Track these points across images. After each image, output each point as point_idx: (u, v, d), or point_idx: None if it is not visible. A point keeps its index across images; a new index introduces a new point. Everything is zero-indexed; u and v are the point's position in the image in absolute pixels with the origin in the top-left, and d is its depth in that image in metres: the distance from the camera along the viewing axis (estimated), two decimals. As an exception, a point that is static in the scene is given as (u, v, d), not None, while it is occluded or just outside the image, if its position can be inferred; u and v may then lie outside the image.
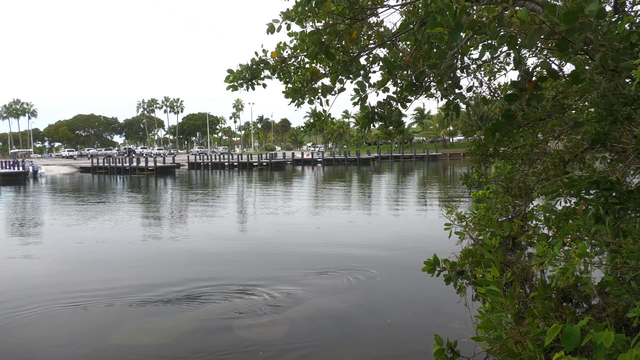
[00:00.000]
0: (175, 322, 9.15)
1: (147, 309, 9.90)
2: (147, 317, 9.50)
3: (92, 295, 10.83)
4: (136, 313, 9.72)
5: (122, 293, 10.94)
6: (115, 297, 10.64)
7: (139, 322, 9.24)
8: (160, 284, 11.63)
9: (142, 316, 9.55)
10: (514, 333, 4.70)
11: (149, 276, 12.42)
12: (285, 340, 8.27)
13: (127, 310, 9.86)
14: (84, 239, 17.83)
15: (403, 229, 19.05)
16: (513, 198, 8.44)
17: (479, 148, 7.49)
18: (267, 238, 17.50)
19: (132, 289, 11.27)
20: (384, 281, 11.57)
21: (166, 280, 11.90)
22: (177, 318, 9.37)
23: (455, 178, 48.78)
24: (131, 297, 10.62)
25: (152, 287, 11.37)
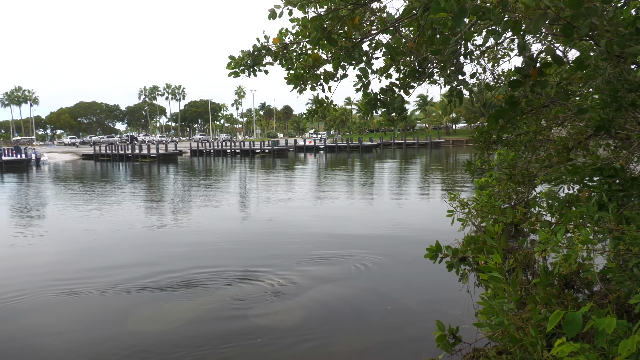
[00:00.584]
0: (186, 309, 9.21)
1: (157, 295, 9.96)
2: (158, 303, 9.57)
3: (99, 282, 10.89)
4: (146, 299, 9.79)
5: (126, 280, 11.01)
6: (120, 284, 10.70)
7: (151, 309, 9.30)
8: (166, 270, 11.69)
9: (153, 302, 9.61)
10: (516, 319, 4.72)
11: (154, 263, 12.48)
12: (289, 326, 8.32)
13: (135, 297, 9.93)
14: (88, 227, 17.90)
15: (405, 216, 19.07)
16: (516, 185, 8.42)
17: (482, 135, 7.46)
18: (270, 225, 17.54)
19: (136, 275, 11.33)
20: (386, 268, 11.61)
21: (172, 267, 11.96)
22: (187, 304, 9.43)
23: (458, 165, 48.71)
24: (136, 284, 10.68)
25: (157, 273, 11.42)
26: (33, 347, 7.77)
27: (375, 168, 49.26)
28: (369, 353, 7.29)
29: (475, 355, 6.02)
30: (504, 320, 4.49)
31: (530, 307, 4.73)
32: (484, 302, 4.76)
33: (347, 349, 7.44)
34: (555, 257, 5.14)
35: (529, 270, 9.99)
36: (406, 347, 7.46)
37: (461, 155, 67.42)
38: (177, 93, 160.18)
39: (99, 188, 32.73)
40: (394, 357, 7.16)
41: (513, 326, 4.47)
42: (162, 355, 7.37)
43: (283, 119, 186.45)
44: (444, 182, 32.77)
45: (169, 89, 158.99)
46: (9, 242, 15.57)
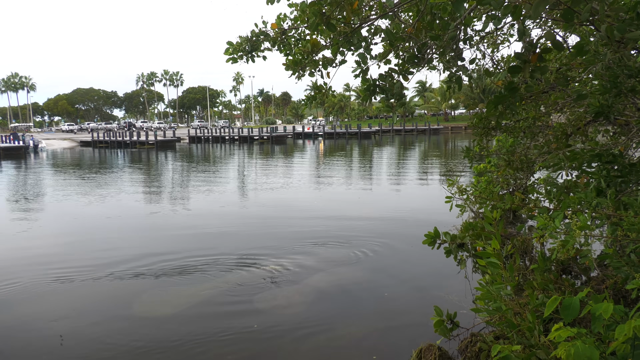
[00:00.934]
0: (186, 295, 9.25)
1: (156, 282, 10.00)
2: (158, 289, 9.61)
3: (98, 269, 10.93)
4: (146, 285, 9.83)
5: (126, 266, 11.04)
6: (119, 270, 10.74)
7: (151, 295, 9.35)
8: (166, 256, 11.72)
9: (153, 288, 9.65)
10: (514, 304, 4.75)
11: (153, 249, 12.50)
12: (286, 313, 8.37)
13: (135, 283, 9.97)
14: (87, 213, 17.92)
15: (404, 202, 19.10)
16: (514, 171, 8.44)
17: (481, 121, 7.45)
18: (268, 212, 17.56)
19: (136, 261, 11.36)
20: (384, 254, 11.65)
21: (171, 253, 11.99)
22: (187, 291, 9.47)
23: (457, 151, 48.70)
24: (135, 270, 10.71)
25: (157, 260, 11.45)
26: (29, 335, 7.81)
27: (373, 154, 49.22)
28: (367, 339, 7.35)
29: (473, 341, 6.07)
30: (501, 305, 4.52)
31: (527, 293, 4.77)
32: (481, 288, 4.79)
33: (345, 335, 7.50)
34: (553, 243, 5.16)
35: (526, 256, 10.03)
36: (404, 333, 7.52)
37: (460, 142, 67.36)
38: (175, 79, 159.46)
39: (97, 175, 32.70)
40: (392, 342, 7.22)
41: (510, 311, 4.50)
42: (161, 342, 7.42)
43: (281, 105, 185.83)
44: (442, 168, 32.78)
45: (167, 75, 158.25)
46: (8, 230, 15.58)
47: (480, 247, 5.35)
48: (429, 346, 5.98)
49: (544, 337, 4.11)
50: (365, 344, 7.17)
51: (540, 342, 4.14)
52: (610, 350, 3.15)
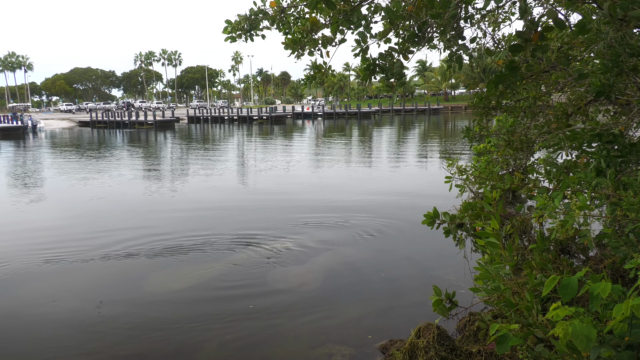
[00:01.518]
0: (184, 275, 9.30)
1: (156, 261, 10.05)
2: (158, 269, 9.66)
3: (98, 248, 10.96)
4: (146, 265, 9.88)
5: (125, 246, 11.08)
6: (118, 250, 10.78)
7: (149, 275, 9.40)
8: (165, 236, 11.76)
9: (157, 269, 9.71)
10: (512, 284, 4.77)
11: (153, 229, 12.53)
12: (283, 293, 8.43)
13: (134, 262, 10.01)
14: (86, 193, 17.92)
15: (403, 183, 19.11)
16: (514, 151, 8.42)
17: (481, 101, 7.42)
18: (267, 192, 17.57)
19: (135, 241, 11.39)
20: (383, 234, 11.69)
21: (171, 233, 12.03)
22: (184, 270, 9.52)
23: (457, 131, 48.59)
24: (135, 249, 10.76)
25: (157, 239, 11.49)
26: (26, 315, 7.87)
27: (373, 135, 49.12)
28: (366, 319, 7.40)
29: (471, 319, 6.13)
30: (500, 285, 4.54)
31: (526, 272, 4.79)
32: (480, 268, 4.80)
33: (344, 315, 7.55)
34: (552, 223, 5.17)
35: (525, 236, 10.07)
36: (403, 313, 7.58)
37: (460, 122, 67.16)
38: (173, 59, 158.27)
39: (96, 155, 32.65)
40: (392, 322, 7.28)
41: (509, 291, 4.52)
42: (163, 324, 7.48)
43: (281, 85, 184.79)
44: (442, 148, 32.73)
45: (165, 54, 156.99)
46: (7, 209, 15.60)
47: (480, 227, 5.36)
48: (427, 325, 6.03)
49: (542, 316, 4.14)
50: (363, 323, 7.23)
51: (538, 321, 4.17)
52: (607, 329, 3.17)
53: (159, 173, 23.60)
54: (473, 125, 8.52)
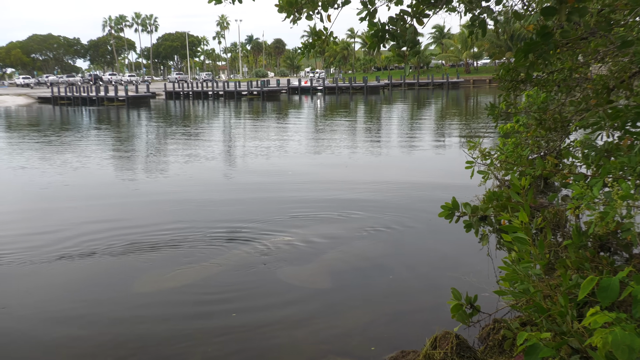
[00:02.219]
0: (170, 277, 9.34)
1: (134, 259, 10.08)
2: (138, 269, 9.69)
3: (65, 244, 10.99)
4: (123, 263, 9.91)
5: (96, 241, 11.10)
6: (88, 246, 10.81)
7: (129, 274, 9.43)
8: (144, 229, 11.78)
9: (131, 268, 9.74)
10: (543, 286, 4.80)
11: (126, 222, 12.54)
12: (282, 295, 8.47)
13: (108, 261, 10.05)
14: (50, 181, 17.94)
15: (417, 169, 19.13)
16: (546, 132, 8.41)
17: (508, 73, 7.40)
18: (260, 181, 17.59)
19: (108, 235, 11.41)
20: (394, 229, 11.72)
21: (150, 226, 12.04)
22: (170, 269, 9.56)
23: (480, 109, 48.52)
24: (107, 245, 10.78)
25: (134, 233, 11.51)
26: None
27: (382, 113, 49.04)
28: (374, 325, 7.44)
29: (496, 327, 6.16)
30: (529, 287, 4.57)
31: (559, 273, 4.81)
32: (506, 267, 4.83)
33: (349, 321, 7.59)
34: (590, 215, 5.19)
35: (559, 231, 10.10)
36: (417, 319, 7.62)
37: (483, 97, 67.00)
38: (148, 24, 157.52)
39: (60, 137, 32.63)
40: (403, 329, 7.32)
41: (539, 294, 4.55)
42: (126, 339, 7.53)
43: (274, 54, 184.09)
44: (462, 129, 32.70)
45: (139, 19, 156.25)
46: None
47: (506, 220, 5.38)
48: (445, 334, 6.07)
49: (578, 323, 4.17)
50: (371, 331, 7.27)
51: (574, 329, 4.20)
52: (653, 338, 3.19)
53: (131, 158, 23.60)
54: (499, 102, 8.51)
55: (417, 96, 76.10)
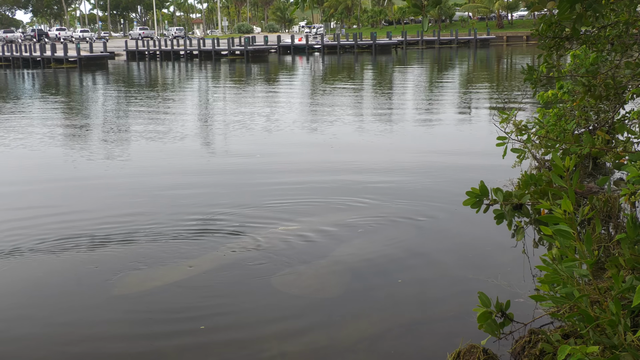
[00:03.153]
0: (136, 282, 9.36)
1: (101, 254, 10.10)
2: (102, 263, 9.71)
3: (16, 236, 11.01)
4: (81, 259, 9.92)
5: (50, 233, 11.12)
6: (41, 239, 10.82)
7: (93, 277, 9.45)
8: (92, 222, 11.77)
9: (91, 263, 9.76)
10: (590, 290, 4.83)
11: (69, 212, 12.55)
12: (277, 299, 8.50)
13: (66, 257, 10.06)
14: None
15: (438, 148, 19.11)
16: (596, 101, 8.40)
17: (550, 28, 7.37)
18: (244, 163, 17.55)
19: (39, 230, 11.41)
20: (410, 220, 11.73)
21: (108, 216, 12.04)
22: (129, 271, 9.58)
23: (515, 72, 48.41)
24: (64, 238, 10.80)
25: (79, 226, 11.52)
26: None
27: (394, 78, 48.93)
28: (384, 338, 7.48)
29: (532, 340, 6.20)
30: (573, 291, 4.59)
31: (611, 273, 4.83)
32: (546, 267, 4.85)
33: (354, 333, 7.62)
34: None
35: (611, 222, 10.14)
36: (436, 330, 7.65)
37: (519, 59, 66.83)
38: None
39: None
40: (419, 343, 7.35)
41: (586, 299, 4.58)
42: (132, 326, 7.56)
43: (261, 5, 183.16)
44: (493, 97, 32.66)
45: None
46: None
47: (546, 210, 5.39)
48: (470, 348, 6.11)
49: (632, 335, 4.20)
50: (380, 345, 7.31)
51: (627, 342, 4.23)
52: None
53: (85, 134, 23.55)
54: (538, 64, 8.49)
55: (438, 57, 75.88)
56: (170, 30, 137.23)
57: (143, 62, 78.96)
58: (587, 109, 9.87)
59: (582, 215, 5.06)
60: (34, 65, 70.83)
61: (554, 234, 4.66)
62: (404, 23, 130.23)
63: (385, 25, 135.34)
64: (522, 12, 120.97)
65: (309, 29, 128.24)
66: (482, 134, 20.75)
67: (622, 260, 5.10)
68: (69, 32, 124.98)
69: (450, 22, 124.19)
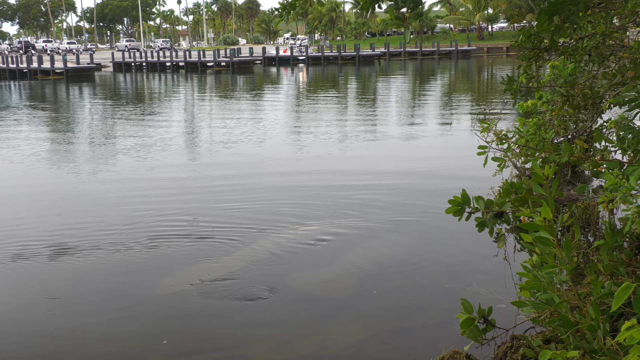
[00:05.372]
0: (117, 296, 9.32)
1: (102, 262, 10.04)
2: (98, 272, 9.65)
3: None
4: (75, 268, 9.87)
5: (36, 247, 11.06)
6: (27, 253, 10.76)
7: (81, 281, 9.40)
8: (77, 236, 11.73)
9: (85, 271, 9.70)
10: (570, 295, 4.85)
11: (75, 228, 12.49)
12: (254, 308, 8.47)
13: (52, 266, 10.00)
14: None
15: (420, 156, 19.16)
16: (575, 110, 8.46)
17: (530, 39, 7.43)
18: (229, 175, 17.49)
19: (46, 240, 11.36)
20: (391, 229, 11.74)
21: (87, 231, 11.99)
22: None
23: (495, 83, 48.70)
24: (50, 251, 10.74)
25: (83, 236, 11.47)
26: None
27: (378, 88, 49.07)
28: (368, 345, 7.47)
29: (514, 345, 6.22)
30: (553, 297, 4.61)
31: (590, 279, 4.86)
32: (526, 273, 4.87)
33: (339, 339, 7.61)
34: (627, 210, 5.24)
35: (589, 229, 10.20)
36: (420, 336, 7.66)
37: (499, 69, 67.24)
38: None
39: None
40: (403, 349, 7.35)
41: (566, 305, 4.60)
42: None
43: (246, 17, 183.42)
44: (474, 107, 32.82)
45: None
46: None
47: (526, 217, 5.41)
48: (453, 354, 6.12)
49: (611, 339, 4.22)
50: (363, 352, 7.31)
51: (606, 346, 4.25)
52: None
53: (72, 146, 23.41)
54: (518, 75, 8.54)
55: (420, 68, 76.19)
56: (157, 42, 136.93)
57: (130, 74, 78.73)
58: (566, 119, 9.94)
59: (562, 222, 5.09)
60: (20, 76, 70.33)
61: (534, 241, 4.68)
62: (387, 35, 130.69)
63: (368, 37, 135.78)
64: (502, 24, 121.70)
65: (293, 41, 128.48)
66: (463, 143, 20.82)
67: (601, 266, 5.13)
68: (56, 44, 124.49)
69: (432, 34, 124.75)
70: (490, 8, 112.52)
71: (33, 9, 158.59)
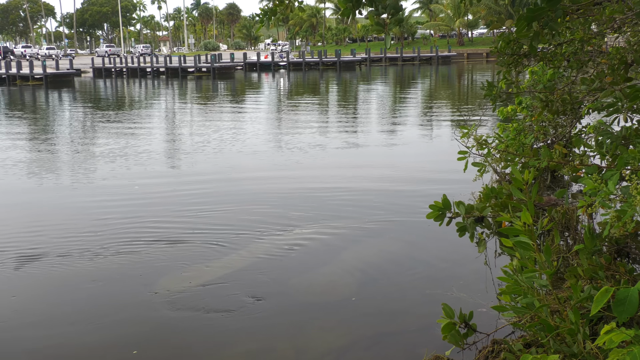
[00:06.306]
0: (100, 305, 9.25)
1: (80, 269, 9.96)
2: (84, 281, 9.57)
3: None
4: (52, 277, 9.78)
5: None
6: None
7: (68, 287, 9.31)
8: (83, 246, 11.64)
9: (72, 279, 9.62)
10: (550, 300, 4.88)
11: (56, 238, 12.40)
12: (237, 317, 8.45)
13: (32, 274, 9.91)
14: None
15: (400, 161, 19.20)
16: (554, 115, 8.53)
17: (509, 45, 7.47)
18: (210, 184, 17.38)
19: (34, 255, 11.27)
20: (372, 234, 11.75)
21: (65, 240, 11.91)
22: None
23: (475, 88, 48.97)
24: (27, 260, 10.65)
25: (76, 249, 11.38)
26: None
27: (359, 93, 49.16)
28: (352, 350, 7.46)
29: (495, 350, 6.24)
30: (533, 301, 4.64)
31: (570, 283, 4.89)
32: (507, 278, 4.90)
33: (321, 345, 7.60)
34: (605, 215, 5.28)
35: (569, 233, 10.26)
36: (401, 341, 7.66)
37: (479, 75, 67.66)
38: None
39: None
40: (385, 354, 7.35)
41: (546, 309, 4.62)
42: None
43: (227, 23, 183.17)
44: (454, 112, 32.97)
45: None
46: None
47: (506, 222, 5.44)
48: (435, 359, 6.13)
49: (591, 343, 4.25)
50: (345, 357, 7.30)
51: (586, 350, 4.28)
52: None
53: (50, 154, 23.23)
54: (498, 80, 8.59)
55: (401, 73, 76.49)
56: (137, 47, 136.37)
57: (110, 80, 78.34)
58: (545, 124, 10.00)
59: (542, 227, 5.12)
60: (-1, 82, 69.89)
61: (514, 245, 4.71)
62: (368, 40, 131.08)
63: (349, 43, 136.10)
64: (482, 30, 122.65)
65: (274, 47, 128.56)
66: (443, 148, 20.90)
67: (581, 271, 5.17)
68: (35, 50, 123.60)
69: (412, 40, 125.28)
70: (470, 14, 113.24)
71: (12, 14, 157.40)
